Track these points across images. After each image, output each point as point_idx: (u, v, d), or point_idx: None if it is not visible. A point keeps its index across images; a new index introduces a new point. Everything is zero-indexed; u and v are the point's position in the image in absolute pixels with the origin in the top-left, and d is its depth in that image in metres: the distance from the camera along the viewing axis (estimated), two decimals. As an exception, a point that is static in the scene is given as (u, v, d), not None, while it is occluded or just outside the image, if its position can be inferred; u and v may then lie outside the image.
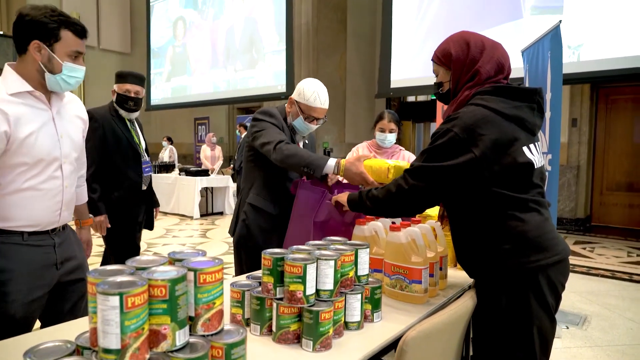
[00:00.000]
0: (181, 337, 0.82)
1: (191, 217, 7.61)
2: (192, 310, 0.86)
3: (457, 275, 1.80)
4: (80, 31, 1.46)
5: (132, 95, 2.58)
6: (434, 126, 9.64)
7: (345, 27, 9.52)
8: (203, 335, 0.87)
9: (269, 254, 1.15)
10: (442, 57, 1.37)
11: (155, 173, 8.33)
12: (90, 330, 0.80)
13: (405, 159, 2.69)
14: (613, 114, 6.66)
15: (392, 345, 1.20)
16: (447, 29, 6.11)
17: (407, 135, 10.65)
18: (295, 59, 8.53)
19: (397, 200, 1.32)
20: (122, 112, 2.61)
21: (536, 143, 1.32)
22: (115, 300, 0.72)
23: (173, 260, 0.94)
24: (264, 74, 8.88)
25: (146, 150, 2.76)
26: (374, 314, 1.29)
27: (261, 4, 8.93)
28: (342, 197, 1.61)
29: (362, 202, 1.46)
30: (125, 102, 2.57)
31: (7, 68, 1.43)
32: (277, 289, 1.14)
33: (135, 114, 2.67)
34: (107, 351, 0.73)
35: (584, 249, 5.55)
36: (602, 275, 4.37)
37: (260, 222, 1.99)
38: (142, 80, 2.66)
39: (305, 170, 1.75)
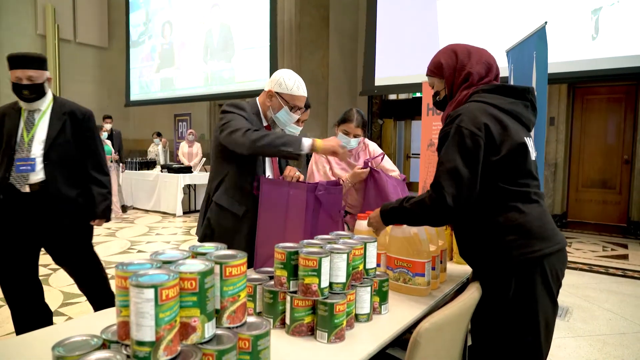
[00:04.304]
0: (210, 329, 0.83)
1: (174, 215, 7.51)
2: (217, 302, 0.87)
3: (454, 268, 1.85)
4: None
5: (25, 82, 2.12)
6: (415, 124, 9.78)
7: (328, 25, 9.53)
8: (228, 328, 0.88)
9: (282, 248, 1.16)
10: (434, 69, 1.47)
11: (136, 170, 8.20)
12: (119, 323, 0.80)
13: (372, 152, 2.51)
14: (588, 113, 6.88)
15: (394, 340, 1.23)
16: (432, 28, 6.20)
17: (389, 133, 10.77)
18: (278, 55, 8.50)
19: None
20: (22, 104, 2.20)
21: (531, 138, 1.39)
22: (150, 293, 0.72)
23: (195, 254, 0.95)
24: (247, 70, 8.81)
25: (51, 145, 2.21)
26: (382, 306, 1.33)
27: (244, -1, 8.87)
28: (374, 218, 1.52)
29: (405, 210, 1.36)
30: (19, 92, 2.15)
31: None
32: (291, 282, 1.15)
33: (37, 104, 2.21)
34: (141, 343, 0.74)
35: (562, 243, 5.73)
36: (581, 269, 4.53)
37: (224, 222, 1.91)
38: (35, 61, 2.16)
39: (282, 149, 1.68)
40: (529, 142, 1.34)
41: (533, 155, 1.35)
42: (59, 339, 0.80)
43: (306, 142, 1.71)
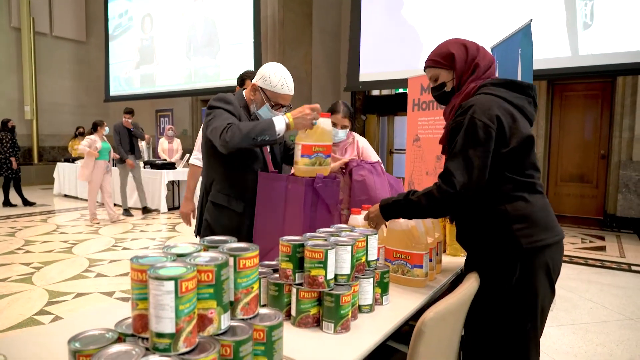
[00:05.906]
0: (225, 320, 0.83)
1: (158, 211, 7.42)
2: (231, 294, 0.88)
3: (447, 259, 1.89)
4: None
5: None
6: (398, 120, 9.86)
7: (311, 21, 9.52)
8: (242, 319, 0.89)
9: (287, 241, 1.17)
10: (443, 59, 1.46)
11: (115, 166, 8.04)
12: (135, 316, 0.80)
13: (361, 147, 2.52)
14: (566, 110, 7.06)
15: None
16: (416, 24, 6.26)
17: (372, 128, 10.85)
18: (262, 52, 8.46)
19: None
20: None
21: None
22: (170, 285, 0.73)
23: (207, 247, 0.95)
24: (232, 67, 8.74)
25: None
26: (383, 297, 1.35)
27: (227, -6, 8.77)
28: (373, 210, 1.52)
29: (411, 203, 1.38)
30: None
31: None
32: (296, 274, 1.17)
33: None
34: (161, 335, 0.74)
35: (542, 236, 5.88)
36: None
37: (224, 221, 1.85)
38: None
39: (258, 140, 1.59)
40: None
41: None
42: (70, 334, 0.79)
43: (280, 124, 1.61)
